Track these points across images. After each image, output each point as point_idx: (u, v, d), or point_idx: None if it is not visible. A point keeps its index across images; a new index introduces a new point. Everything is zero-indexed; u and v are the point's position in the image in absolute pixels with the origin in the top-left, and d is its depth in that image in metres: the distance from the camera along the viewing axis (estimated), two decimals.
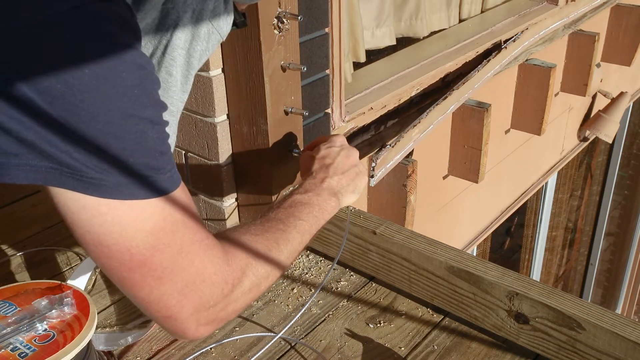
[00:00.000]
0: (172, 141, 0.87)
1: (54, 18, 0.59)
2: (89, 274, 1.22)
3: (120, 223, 0.65)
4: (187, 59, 0.82)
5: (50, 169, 0.62)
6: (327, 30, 1.40)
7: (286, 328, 1.10)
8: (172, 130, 0.85)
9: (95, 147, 0.62)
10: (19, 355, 0.77)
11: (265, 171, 1.32)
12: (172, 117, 0.84)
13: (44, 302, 0.84)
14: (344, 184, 1.06)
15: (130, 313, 1.18)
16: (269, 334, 1.14)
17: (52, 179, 0.62)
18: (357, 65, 1.80)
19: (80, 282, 1.19)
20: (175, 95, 0.83)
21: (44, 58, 0.59)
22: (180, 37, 0.79)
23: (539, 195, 3.46)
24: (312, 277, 1.29)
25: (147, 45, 0.79)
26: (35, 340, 0.79)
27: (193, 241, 0.71)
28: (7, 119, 0.59)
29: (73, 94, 0.59)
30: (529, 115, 2.37)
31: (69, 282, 1.18)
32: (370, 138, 1.74)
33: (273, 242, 0.86)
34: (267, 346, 1.09)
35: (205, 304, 0.73)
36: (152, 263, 0.68)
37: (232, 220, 1.42)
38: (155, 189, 0.67)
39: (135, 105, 0.64)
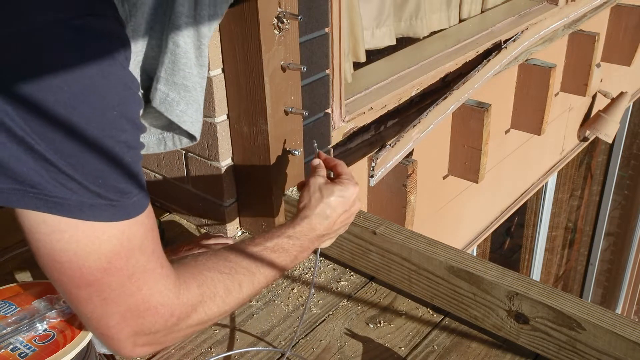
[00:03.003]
0: (195, 119, 0.83)
1: (36, 31, 0.57)
2: None
3: (78, 242, 0.65)
4: (195, 27, 0.77)
5: (12, 191, 0.61)
6: (327, 30, 1.40)
7: (292, 345, 1.10)
8: (193, 107, 0.82)
9: (65, 165, 0.61)
10: (19, 355, 0.77)
11: (265, 171, 1.32)
12: (188, 93, 0.80)
13: (44, 302, 0.84)
14: (327, 238, 1.04)
15: None
16: (274, 349, 1.13)
17: (15, 200, 0.62)
18: (357, 65, 1.80)
19: None
20: (186, 68, 0.79)
21: (22, 71, 0.57)
22: (184, 4, 0.75)
23: (539, 195, 3.46)
24: (312, 277, 1.29)
25: (156, 20, 0.75)
26: (35, 340, 0.79)
27: (146, 269, 0.70)
28: None
29: (49, 110, 0.58)
30: (529, 115, 2.37)
31: None
32: (370, 138, 1.74)
33: (237, 285, 0.84)
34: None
35: (146, 330, 0.72)
36: (101, 284, 0.67)
37: (233, 221, 1.42)
38: (119, 213, 0.66)
39: (113, 127, 0.63)
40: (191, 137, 0.86)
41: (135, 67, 0.77)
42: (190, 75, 0.80)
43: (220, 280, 0.82)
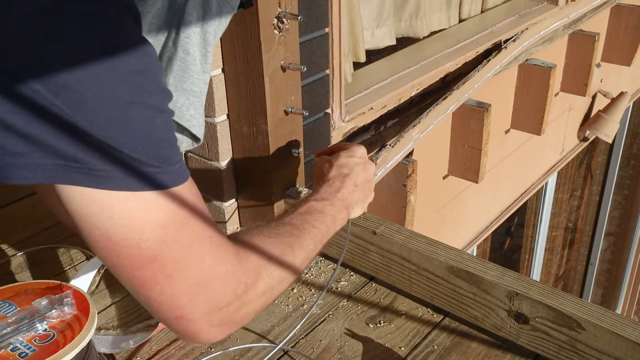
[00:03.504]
0: (201, 123, 0.85)
1: (53, 6, 0.58)
2: (92, 276, 1.22)
3: (130, 216, 0.63)
4: (202, 36, 0.80)
5: (57, 166, 0.60)
6: (327, 30, 1.40)
7: (285, 340, 1.10)
8: (199, 112, 0.84)
9: (102, 136, 0.60)
10: (19, 355, 0.77)
11: (265, 171, 1.32)
12: (196, 98, 0.83)
13: (44, 302, 0.84)
14: (357, 198, 1.04)
15: (131, 315, 1.18)
16: (269, 345, 1.13)
17: (61, 176, 0.61)
18: (357, 65, 1.80)
19: (83, 283, 1.19)
20: (195, 74, 0.81)
21: (46, 48, 0.58)
22: (192, 14, 0.78)
23: (539, 195, 3.46)
24: (312, 277, 1.29)
25: (161, 28, 0.78)
26: (35, 340, 0.79)
27: (203, 237, 0.69)
28: (10, 115, 0.58)
29: (78, 82, 0.58)
30: (529, 115, 2.38)
31: (72, 283, 1.18)
32: (370, 138, 1.74)
33: (287, 247, 0.84)
34: (269, 355, 1.09)
35: (218, 303, 0.71)
36: (162, 259, 0.66)
37: (233, 221, 1.42)
38: (165, 180, 0.65)
39: (140, 92, 0.62)
40: (196, 139, 0.87)
41: None
42: (199, 81, 0.82)
43: (271, 244, 0.81)
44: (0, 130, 0.59)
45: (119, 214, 0.63)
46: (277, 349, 1.09)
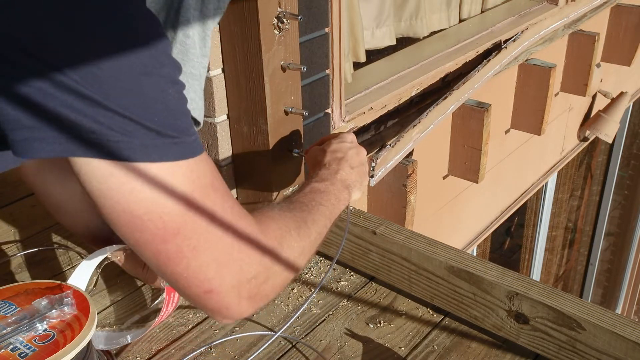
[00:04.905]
0: (200, 107, 0.85)
1: None
2: (90, 274, 1.21)
3: (151, 188, 0.63)
4: (201, 19, 0.80)
5: (74, 139, 0.60)
6: (327, 30, 1.40)
7: (286, 326, 1.10)
8: (198, 95, 0.84)
9: (118, 107, 0.60)
10: (19, 355, 0.77)
11: (265, 171, 1.32)
12: (196, 81, 0.83)
13: (44, 302, 0.84)
14: (354, 178, 1.06)
15: (129, 312, 1.18)
16: (269, 332, 1.13)
17: (78, 148, 0.61)
18: (357, 65, 1.80)
19: (81, 282, 1.19)
20: (195, 58, 0.81)
21: (57, 22, 0.58)
22: None
23: (539, 195, 3.46)
24: (312, 277, 1.29)
25: (159, 12, 0.78)
26: (35, 340, 0.79)
27: (224, 208, 0.68)
28: (26, 89, 0.58)
29: (92, 54, 0.59)
30: (529, 115, 2.38)
31: (70, 282, 1.18)
32: (370, 138, 1.74)
33: (302, 221, 0.85)
34: (267, 344, 1.09)
35: (246, 274, 0.70)
36: (186, 230, 0.65)
37: None
38: (184, 151, 0.65)
39: (154, 63, 0.62)
40: (196, 123, 0.87)
41: None
42: (198, 65, 0.82)
43: (286, 217, 0.82)
44: (16, 104, 0.59)
45: (140, 187, 0.63)
46: (275, 336, 1.10)
